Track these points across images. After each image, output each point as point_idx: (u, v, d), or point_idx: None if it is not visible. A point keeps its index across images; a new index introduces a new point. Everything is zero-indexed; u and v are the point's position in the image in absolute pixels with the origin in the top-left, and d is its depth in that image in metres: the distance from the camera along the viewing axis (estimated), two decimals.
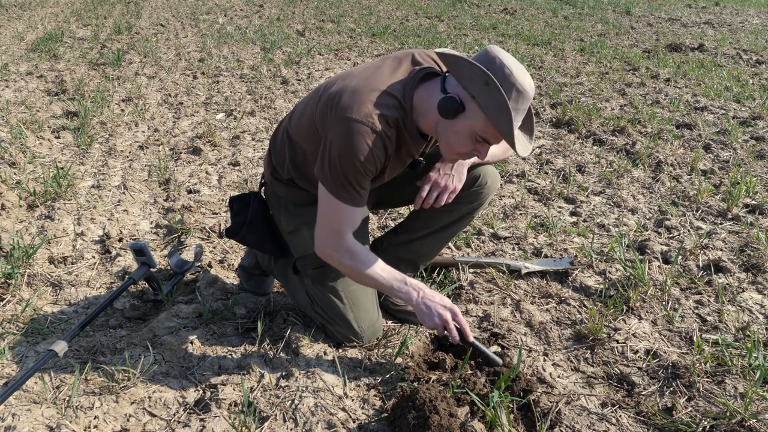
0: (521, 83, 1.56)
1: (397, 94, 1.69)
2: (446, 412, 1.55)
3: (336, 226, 1.76)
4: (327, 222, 1.77)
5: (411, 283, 1.79)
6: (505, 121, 1.55)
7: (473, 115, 1.60)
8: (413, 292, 1.78)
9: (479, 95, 1.56)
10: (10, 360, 1.91)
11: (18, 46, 7.05)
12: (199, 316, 2.15)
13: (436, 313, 1.75)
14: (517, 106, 1.57)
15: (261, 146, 4.04)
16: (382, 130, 1.65)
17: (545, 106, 5.08)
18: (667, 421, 1.70)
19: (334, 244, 1.78)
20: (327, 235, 1.78)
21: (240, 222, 2.06)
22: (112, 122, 4.38)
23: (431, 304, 1.76)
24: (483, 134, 1.63)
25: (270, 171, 2.01)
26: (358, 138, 1.63)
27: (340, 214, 1.75)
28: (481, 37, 8.30)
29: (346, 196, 1.71)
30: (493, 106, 1.55)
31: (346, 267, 1.80)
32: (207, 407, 1.71)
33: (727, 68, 6.52)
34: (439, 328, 1.77)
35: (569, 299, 2.32)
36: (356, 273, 1.79)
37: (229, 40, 7.84)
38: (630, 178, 3.57)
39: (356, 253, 1.77)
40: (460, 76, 1.59)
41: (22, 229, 2.76)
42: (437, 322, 1.76)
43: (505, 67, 1.55)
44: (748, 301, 2.33)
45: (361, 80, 1.71)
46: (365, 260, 1.77)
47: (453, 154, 1.73)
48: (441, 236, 2.17)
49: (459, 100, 1.61)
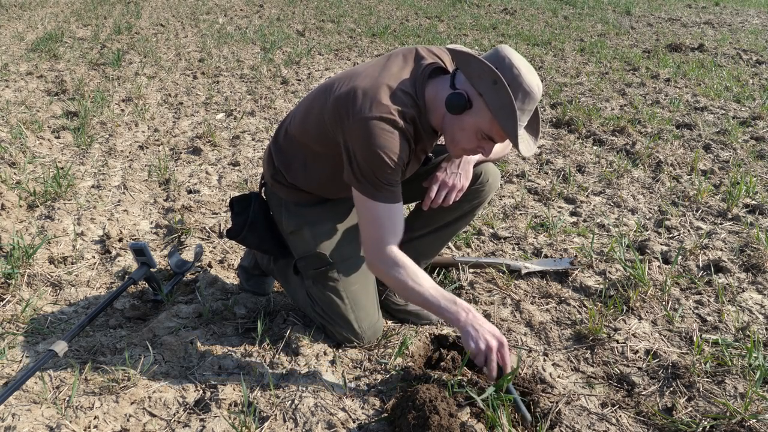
0: (528, 84, 1.56)
1: (410, 91, 1.69)
2: (446, 412, 1.55)
3: (378, 235, 1.72)
4: (370, 231, 1.73)
5: (461, 304, 1.70)
6: (511, 121, 1.56)
7: (479, 113, 1.61)
8: (462, 313, 1.68)
9: (486, 93, 1.57)
10: (10, 360, 1.91)
11: (18, 46, 7.05)
12: (199, 316, 2.15)
13: (483, 338, 1.65)
14: (524, 106, 1.58)
15: (261, 146, 4.04)
16: (403, 126, 1.65)
17: (545, 106, 5.08)
18: (667, 421, 1.70)
19: (380, 256, 1.73)
20: (373, 246, 1.74)
21: (241, 223, 2.06)
22: (112, 122, 4.38)
23: (480, 328, 1.67)
24: (488, 132, 1.64)
25: (271, 173, 2.00)
26: (381, 135, 1.62)
27: (381, 216, 1.71)
28: (481, 37, 8.30)
29: (381, 195, 1.69)
30: (499, 105, 1.56)
31: (393, 280, 1.73)
32: (207, 407, 1.71)
33: (727, 68, 6.52)
34: (480, 355, 1.66)
35: (569, 299, 2.32)
36: (403, 287, 1.72)
37: (229, 40, 7.84)
38: (630, 178, 3.57)
39: (404, 267, 1.71)
40: (469, 73, 1.60)
41: (22, 229, 2.76)
42: (482, 348, 1.65)
43: (513, 67, 1.55)
44: (748, 301, 2.33)
45: (371, 79, 1.70)
46: (414, 276, 1.71)
47: (458, 149, 1.73)
48: (442, 235, 2.17)
49: (467, 97, 1.61)
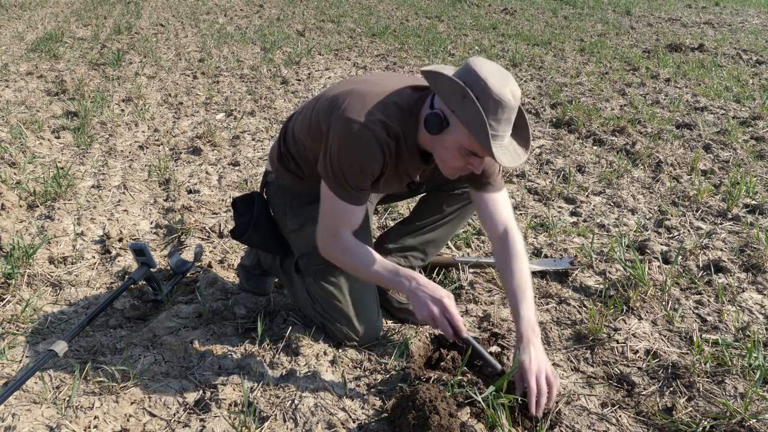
0: (499, 94, 1.52)
1: (404, 107, 1.70)
2: (446, 412, 1.55)
3: (334, 225, 1.79)
4: (326, 221, 1.80)
5: (403, 273, 1.73)
6: (482, 134, 1.53)
7: (456, 130, 1.60)
8: (405, 282, 1.71)
9: (458, 109, 1.55)
10: (10, 360, 1.91)
11: (18, 46, 7.05)
12: (199, 316, 2.15)
13: (424, 303, 1.67)
14: (498, 116, 1.54)
15: (261, 146, 4.04)
16: (382, 137, 1.67)
17: (545, 106, 5.08)
18: (667, 421, 1.70)
19: (331, 243, 1.81)
20: (325, 234, 1.81)
21: (245, 222, 2.07)
22: (112, 122, 4.38)
23: (421, 294, 1.68)
24: (468, 147, 1.62)
25: (278, 158, 2.03)
26: (357, 140, 1.66)
27: (340, 213, 1.77)
28: (481, 37, 8.30)
29: (345, 195, 1.74)
30: (470, 118, 1.54)
31: (342, 263, 1.84)
32: (207, 407, 1.71)
33: (727, 68, 6.52)
34: (428, 321, 1.68)
35: (569, 299, 2.32)
36: (353, 269, 1.83)
37: (229, 40, 7.84)
38: (630, 178, 3.57)
39: (351, 249, 1.79)
40: (440, 91, 1.60)
41: (22, 229, 2.76)
42: (425, 314, 1.67)
43: (481, 79, 1.52)
44: (748, 301, 2.33)
45: (370, 85, 1.74)
46: (360, 256, 1.78)
47: (448, 168, 1.73)
48: (449, 223, 2.20)
49: (443, 116, 1.61)
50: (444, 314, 1.67)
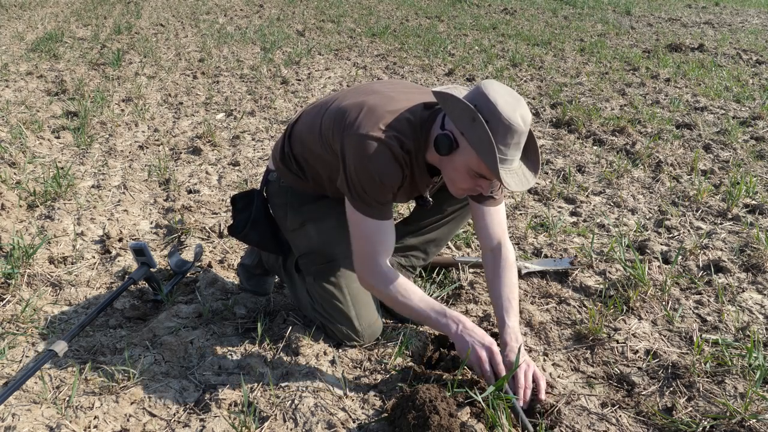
0: (508, 118, 1.53)
1: (416, 124, 1.70)
2: (446, 412, 1.55)
3: (370, 250, 1.75)
4: (360, 247, 1.77)
5: (450, 314, 1.74)
6: (491, 158, 1.53)
7: (465, 152, 1.61)
8: (452, 325, 1.72)
9: (467, 132, 1.56)
10: (10, 360, 1.91)
11: (18, 46, 7.05)
12: (199, 316, 2.15)
13: (473, 349, 1.69)
14: (507, 140, 1.55)
15: (261, 146, 4.04)
16: (398, 152, 1.67)
17: (545, 106, 5.08)
18: (667, 421, 1.70)
19: (371, 273, 1.77)
20: (363, 261, 1.77)
21: (244, 219, 2.07)
22: (112, 122, 4.38)
23: (469, 339, 1.70)
24: (477, 170, 1.62)
25: (280, 157, 2.02)
26: (375, 156, 1.65)
27: (371, 232, 1.74)
28: (481, 37, 8.30)
29: (371, 211, 1.72)
30: (479, 142, 1.54)
31: (383, 294, 1.78)
32: (207, 407, 1.71)
33: (727, 68, 6.52)
34: (475, 365, 1.71)
35: (569, 299, 2.32)
36: (393, 302, 1.77)
37: (229, 40, 7.84)
38: (630, 178, 3.57)
39: (393, 281, 1.75)
40: (450, 113, 1.60)
41: (22, 229, 2.76)
42: (473, 359, 1.69)
43: (491, 102, 1.53)
44: (748, 301, 2.33)
45: (383, 99, 1.73)
46: (402, 291, 1.75)
47: (456, 189, 1.74)
48: (450, 222, 2.21)
49: (452, 137, 1.61)
50: (491, 360, 1.68)
